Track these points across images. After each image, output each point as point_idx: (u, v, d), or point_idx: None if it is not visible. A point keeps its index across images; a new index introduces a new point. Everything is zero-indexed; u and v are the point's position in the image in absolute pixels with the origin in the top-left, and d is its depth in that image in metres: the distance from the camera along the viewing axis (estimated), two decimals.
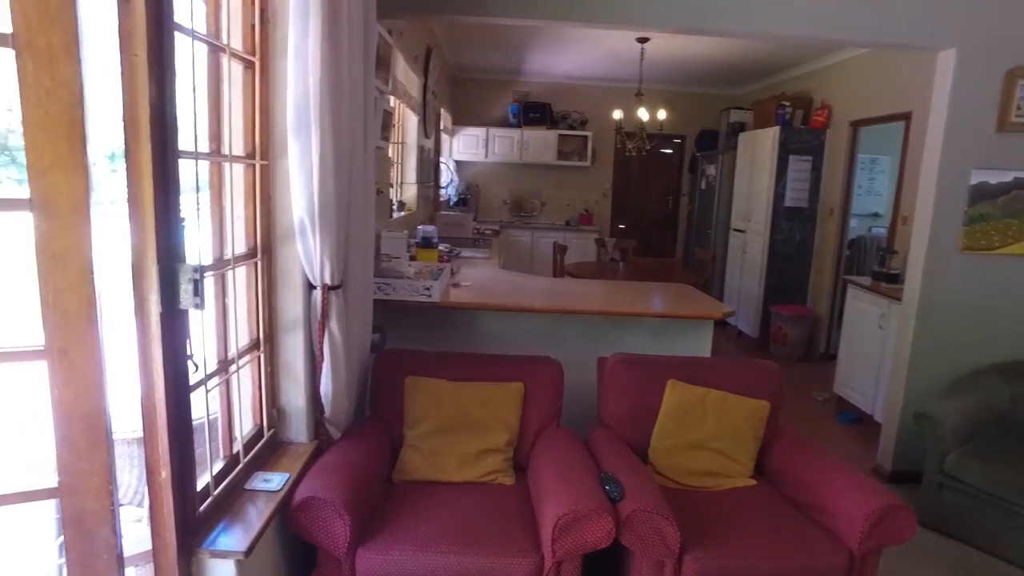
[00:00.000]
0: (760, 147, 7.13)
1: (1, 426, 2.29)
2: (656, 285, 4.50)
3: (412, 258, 3.95)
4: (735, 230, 7.82)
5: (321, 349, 2.39)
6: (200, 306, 1.62)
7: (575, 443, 2.80)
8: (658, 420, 2.95)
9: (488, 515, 2.44)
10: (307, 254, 2.27)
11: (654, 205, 9.88)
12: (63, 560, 1.61)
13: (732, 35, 3.69)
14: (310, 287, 2.37)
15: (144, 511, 2.53)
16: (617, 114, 7.35)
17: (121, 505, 1.82)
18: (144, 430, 1.67)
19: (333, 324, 2.37)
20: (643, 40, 6.54)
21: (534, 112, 8.91)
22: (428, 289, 3.21)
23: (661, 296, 4.03)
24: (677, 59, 7.42)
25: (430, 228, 4.08)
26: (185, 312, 1.68)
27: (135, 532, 2.14)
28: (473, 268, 4.60)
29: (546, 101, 9.01)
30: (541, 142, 8.92)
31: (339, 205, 2.25)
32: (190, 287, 1.60)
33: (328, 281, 2.32)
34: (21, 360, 1.50)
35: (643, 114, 7.19)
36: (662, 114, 7.06)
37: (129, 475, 2.56)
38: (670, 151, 9.69)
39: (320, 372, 2.42)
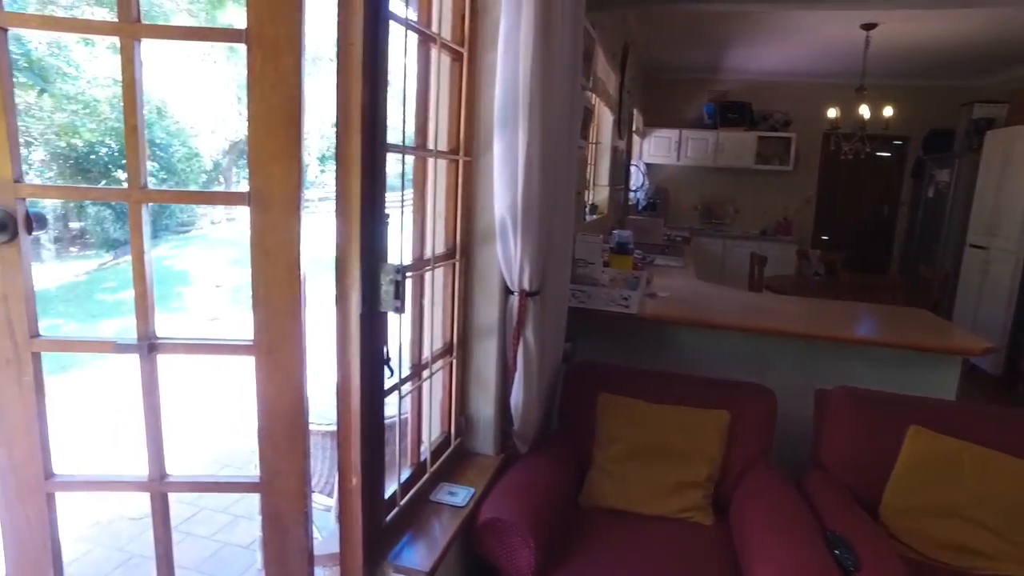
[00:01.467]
0: (1018, 147, 5.98)
1: (205, 414, 2.41)
2: (881, 308, 3.86)
3: (605, 264, 3.73)
4: (973, 246, 6.65)
5: (514, 358, 2.24)
6: (400, 309, 1.52)
7: (789, 488, 2.40)
8: (894, 473, 2.45)
9: (684, 559, 2.15)
10: (506, 257, 2.13)
11: (865, 215, 8.77)
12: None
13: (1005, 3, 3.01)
14: (507, 292, 2.24)
15: (333, 501, 2.58)
16: (832, 112, 6.57)
17: (312, 492, 1.80)
18: (338, 434, 1.61)
19: (529, 332, 2.22)
20: (869, 27, 5.76)
21: (732, 112, 8.30)
22: (626, 299, 2.97)
23: (890, 321, 3.43)
24: (907, 47, 6.47)
25: (626, 233, 3.84)
26: (384, 314, 1.60)
27: (321, 520, 2.15)
28: (667, 278, 4.27)
29: (746, 100, 8.35)
30: (738, 144, 8.28)
31: (543, 206, 2.09)
32: (391, 289, 1.51)
33: (526, 287, 2.16)
34: (232, 353, 1.49)
35: (864, 112, 6.35)
36: (888, 111, 6.18)
37: (321, 465, 2.61)
38: (887, 154, 8.54)
39: (511, 382, 2.28)
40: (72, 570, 3.18)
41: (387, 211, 1.57)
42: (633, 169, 7.78)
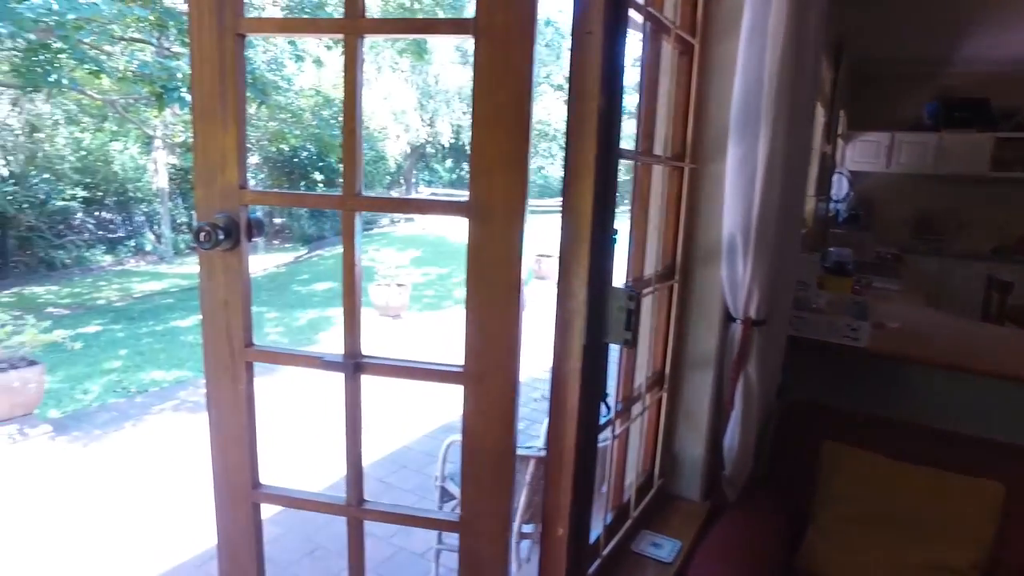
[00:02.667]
0: None
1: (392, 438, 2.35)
2: None
3: (819, 286, 3.26)
4: None
5: (732, 394, 1.94)
6: (631, 343, 1.30)
7: None
8: None
9: None
10: (732, 279, 1.84)
11: None
12: None
13: None
14: (728, 319, 1.94)
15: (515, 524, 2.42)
16: None
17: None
18: (546, 478, 1.42)
19: (751, 367, 1.90)
20: None
21: (961, 111, 7.15)
22: (854, 330, 2.53)
23: None
24: None
25: (844, 251, 3.34)
26: (607, 345, 1.38)
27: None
28: (888, 303, 3.67)
29: (980, 96, 7.17)
30: (967, 148, 7.12)
31: (780, 222, 1.77)
32: (622, 317, 1.29)
33: (753, 314, 1.85)
34: (441, 380, 1.36)
35: None
36: None
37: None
38: None
39: (726, 421, 1.98)
40: (266, 551, 3.36)
41: (616, 227, 1.35)
42: (837, 177, 6.97)
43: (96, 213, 16.34)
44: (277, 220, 24.45)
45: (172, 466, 3.86)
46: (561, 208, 1.30)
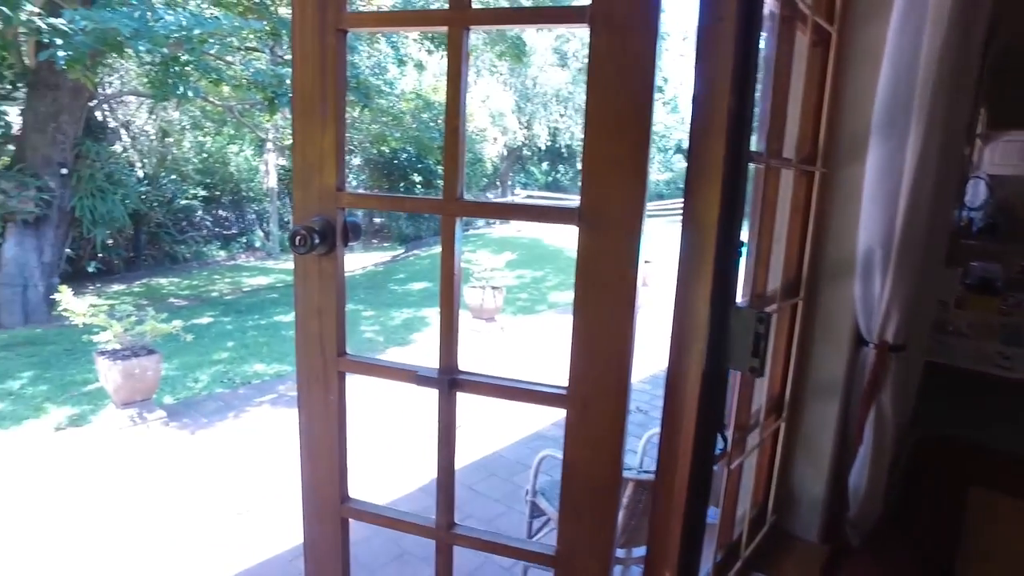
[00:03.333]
0: None
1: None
2: None
3: (956, 305, 2.91)
4: None
5: (862, 427, 1.72)
6: (759, 371, 1.14)
7: None
8: None
9: None
10: (866, 298, 1.62)
11: None
12: None
13: None
14: (859, 342, 1.72)
15: None
16: None
17: None
18: (653, 513, 1.28)
19: (885, 397, 1.68)
20: None
21: None
22: (1007, 359, 2.21)
23: None
24: None
25: (992, 266, 2.96)
26: (727, 372, 1.22)
27: None
28: None
29: None
30: None
31: (928, 235, 1.54)
32: (748, 341, 1.13)
33: (890, 339, 1.63)
34: (541, 403, 1.25)
35: None
36: None
37: None
38: None
39: (854, 456, 1.75)
40: (352, 552, 3.38)
41: (743, 238, 1.20)
42: (974, 182, 6.32)
43: (214, 211, 17.44)
44: (376, 220, 25.33)
45: (267, 459, 3.97)
46: (682, 216, 1.16)
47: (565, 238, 14.61)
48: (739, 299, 1.50)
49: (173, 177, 15.85)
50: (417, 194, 17.30)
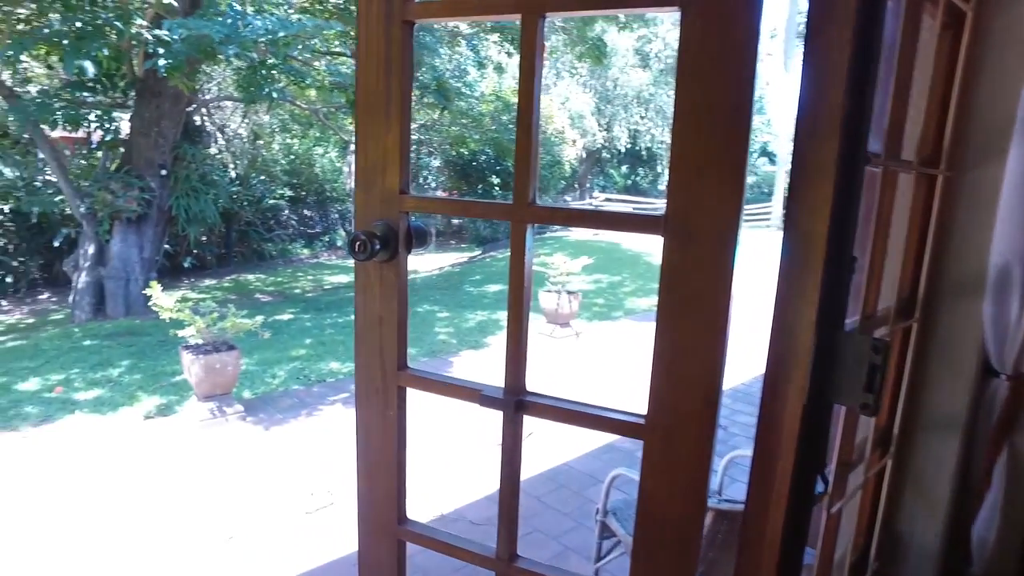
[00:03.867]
0: None
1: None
2: None
3: None
4: None
5: (989, 469, 1.50)
6: (872, 408, 0.97)
7: None
8: None
9: None
10: (999, 322, 1.40)
11: None
12: None
13: None
14: (987, 372, 1.50)
15: None
16: None
17: None
18: (740, 564, 1.13)
19: (1021, 439, 1.45)
20: None
21: None
22: None
23: None
24: None
25: None
26: (832, 406, 1.06)
27: None
28: None
29: None
30: None
31: None
32: (861, 373, 0.97)
33: None
34: (617, 432, 1.12)
35: None
36: None
37: None
38: None
39: (980, 503, 1.53)
40: (413, 560, 3.35)
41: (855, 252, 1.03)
42: None
43: (299, 211, 18.11)
44: (455, 221, 25.61)
45: (336, 459, 4.00)
46: (784, 224, 1.01)
47: (645, 242, 14.30)
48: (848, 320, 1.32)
49: (262, 178, 16.55)
50: (495, 197, 17.34)
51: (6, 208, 10.75)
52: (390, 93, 1.16)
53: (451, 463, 4.04)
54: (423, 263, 18.15)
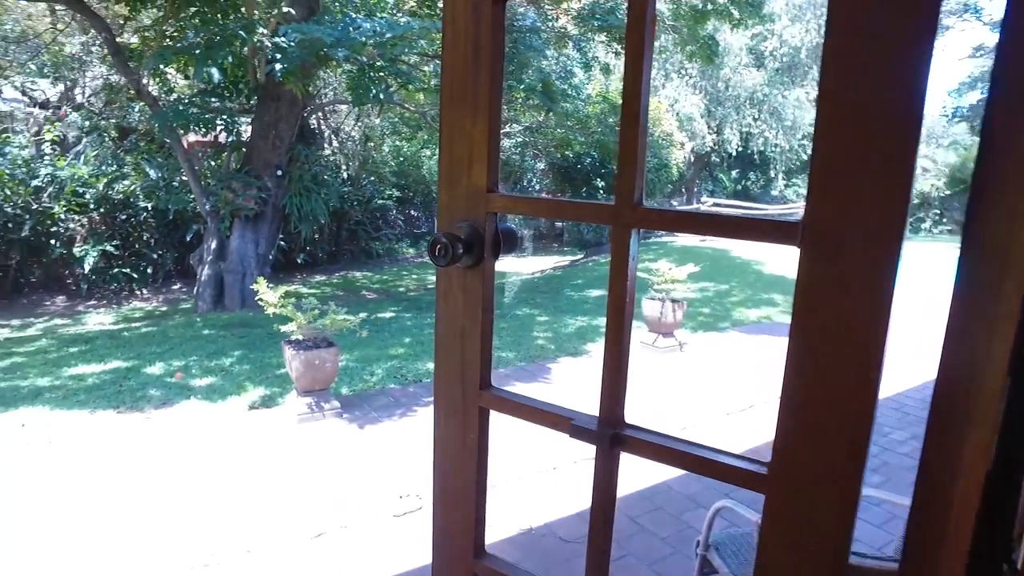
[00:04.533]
0: None
1: None
2: None
3: None
4: None
5: None
6: None
7: None
8: None
9: None
10: None
11: None
12: None
13: None
14: None
15: None
16: None
17: None
18: None
19: None
20: None
21: None
22: None
23: None
24: None
25: None
26: None
27: None
28: None
29: None
30: None
31: None
32: None
33: None
34: (730, 480, 0.94)
35: None
36: None
37: None
38: None
39: None
40: None
41: None
42: None
43: (406, 211, 18.64)
44: (558, 224, 25.52)
45: (426, 462, 3.96)
46: (963, 232, 0.78)
47: (756, 250, 13.60)
48: None
49: (372, 179, 17.16)
50: (600, 200, 17.09)
51: (148, 206, 11.72)
52: (478, 80, 1.03)
53: (542, 469, 3.90)
54: (523, 266, 18.19)
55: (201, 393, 5.15)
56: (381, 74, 7.45)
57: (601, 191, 16.95)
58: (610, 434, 1.00)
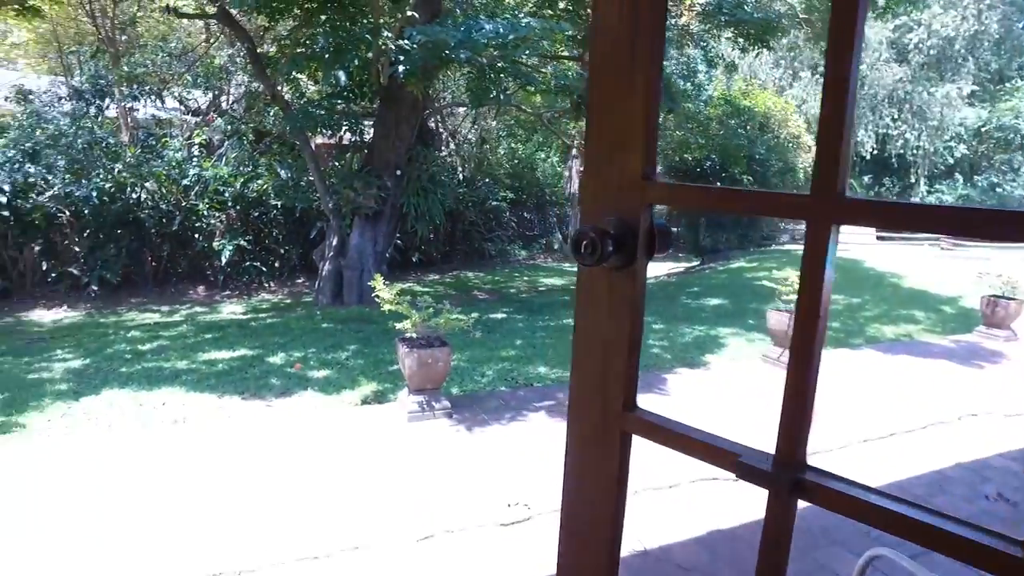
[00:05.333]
0: None
1: None
2: None
3: None
4: None
5: None
6: None
7: None
8: None
9: None
10: None
11: None
12: None
13: None
14: None
15: None
16: None
17: None
18: None
19: None
20: None
21: None
22: None
23: None
24: None
25: None
26: None
27: None
28: None
29: None
30: None
31: None
32: None
33: None
34: (979, 565, 0.71)
35: None
36: None
37: None
38: None
39: None
40: None
41: None
42: None
43: (519, 213, 18.70)
44: (673, 228, 24.78)
45: (535, 469, 3.82)
46: None
47: (893, 261, 12.46)
48: None
49: (487, 180, 17.35)
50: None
51: (278, 204, 12.46)
52: (636, 41, 0.87)
53: (659, 486, 3.65)
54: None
55: (317, 385, 5.31)
56: (501, 75, 7.43)
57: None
58: (789, 479, 0.81)
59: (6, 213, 10.19)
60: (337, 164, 12.26)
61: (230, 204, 12.18)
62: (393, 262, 12.68)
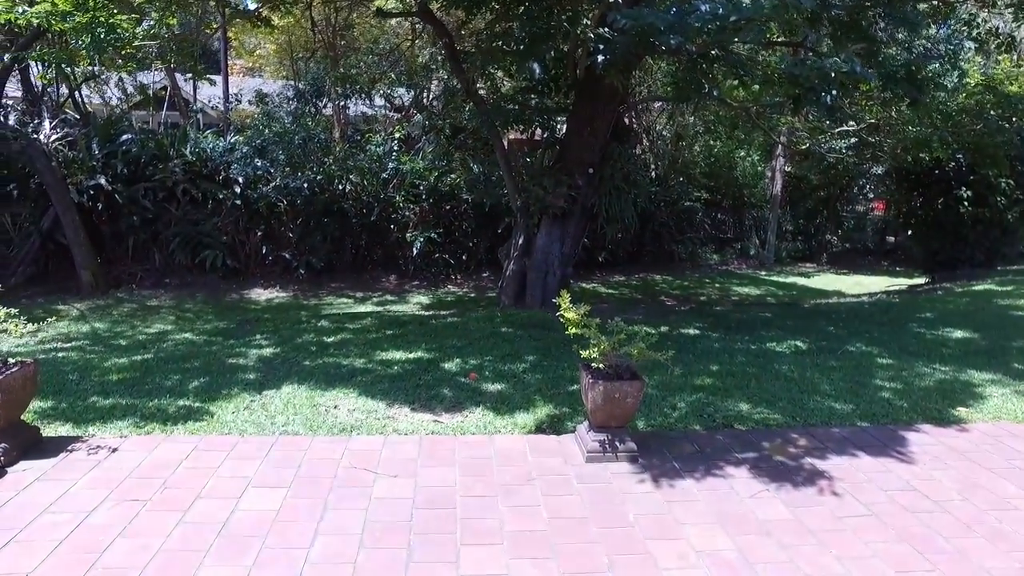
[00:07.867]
0: None
1: None
2: None
3: None
4: None
5: None
6: None
7: None
8: None
9: None
10: None
11: None
12: None
13: None
14: None
15: None
16: None
17: None
18: None
19: None
20: None
21: None
22: None
23: None
24: None
25: None
26: None
27: None
28: None
29: None
30: None
31: None
32: None
33: None
34: None
35: None
36: None
37: None
38: None
39: None
40: None
41: None
42: None
43: (713, 215, 17.41)
44: (890, 237, 21.63)
45: (736, 562, 3.09)
46: None
47: None
48: None
49: (680, 179, 16.31)
50: (963, 216, 13.78)
51: (468, 198, 12.66)
52: None
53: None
54: (845, 284, 15.66)
55: (490, 401, 4.94)
56: (715, 65, 6.55)
57: (965, 204, 13.64)
58: None
59: (239, 202, 11.39)
60: (528, 160, 12.06)
61: (424, 197, 12.56)
62: (578, 261, 12.26)
